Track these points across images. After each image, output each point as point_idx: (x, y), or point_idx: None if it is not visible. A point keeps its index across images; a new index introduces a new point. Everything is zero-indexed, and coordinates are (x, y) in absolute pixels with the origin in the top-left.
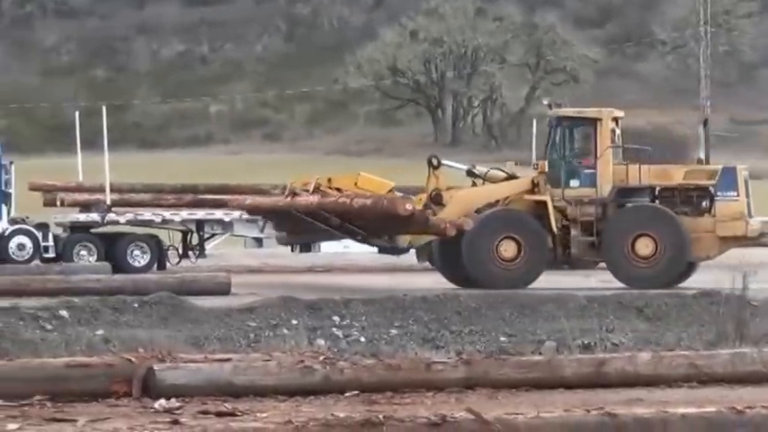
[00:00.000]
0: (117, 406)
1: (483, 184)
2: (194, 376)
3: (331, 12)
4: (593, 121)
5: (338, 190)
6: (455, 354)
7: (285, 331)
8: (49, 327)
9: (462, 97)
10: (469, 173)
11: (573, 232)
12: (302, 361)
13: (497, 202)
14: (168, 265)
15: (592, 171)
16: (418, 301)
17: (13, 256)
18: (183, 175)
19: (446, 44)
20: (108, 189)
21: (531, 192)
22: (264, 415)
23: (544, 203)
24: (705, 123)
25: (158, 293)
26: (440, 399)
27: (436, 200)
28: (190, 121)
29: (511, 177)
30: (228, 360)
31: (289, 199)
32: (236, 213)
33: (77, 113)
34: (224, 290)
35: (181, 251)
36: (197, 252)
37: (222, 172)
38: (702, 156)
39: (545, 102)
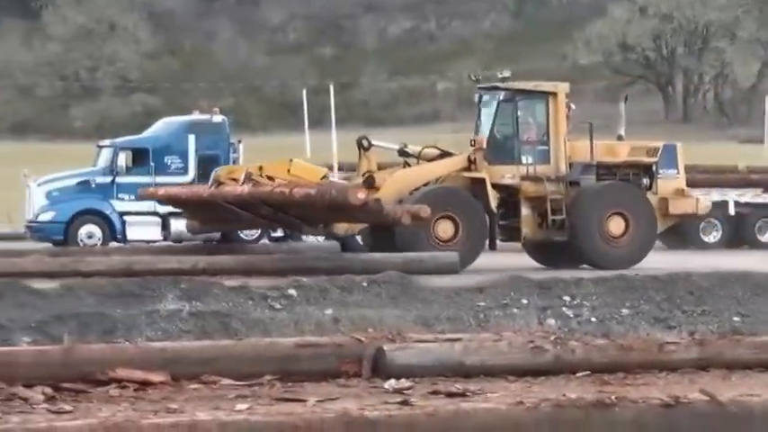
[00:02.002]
0: (347, 386)
1: (417, 163)
2: (424, 356)
3: None
4: (549, 96)
5: (270, 178)
6: (688, 334)
7: (515, 311)
8: (278, 306)
9: (693, 74)
10: (401, 152)
11: (525, 211)
12: (533, 341)
13: (437, 180)
14: None
15: (545, 147)
16: (649, 281)
17: (242, 236)
18: None
19: (676, 20)
20: (336, 167)
21: (468, 169)
22: (495, 395)
23: (482, 181)
24: (625, 99)
25: (387, 272)
26: (673, 380)
27: (369, 183)
28: (417, 98)
29: (445, 155)
30: (458, 340)
31: (213, 189)
32: None
33: (305, 92)
34: (452, 269)
35: None
36: None
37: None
38: (622, 132)
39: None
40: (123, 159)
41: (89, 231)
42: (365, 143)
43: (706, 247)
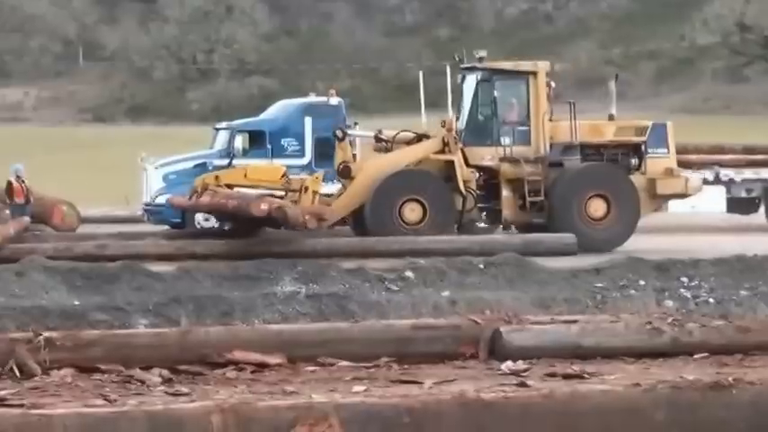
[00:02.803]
0: (463, 368)
1: (391, 148)
2: (541, 338)
3: None
4: (528, 75)
5: (229, 186)
6: None
7: (632, 292)
8: (394, 288)
9: None
10: (377, 139)
11: (505, 193)
12: (650, 322)
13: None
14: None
15: (525, 128)
16: None
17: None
18: None
19: None
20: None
21: (443, 152)
22: (612, 377)
23: (452, 163)
24: (616, 78)
25: (504, 254)
26: None
27: (344, 173)
28: None
29: (421, 138)
30: (575, 322)
31: (193, 199)
32: None
33: (421, 73)
34: (570, 250)
35: None
36: None
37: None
38: (613, 111)
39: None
40: (240, 142)
41: (206, 214)
42: (339, 133)
43: None
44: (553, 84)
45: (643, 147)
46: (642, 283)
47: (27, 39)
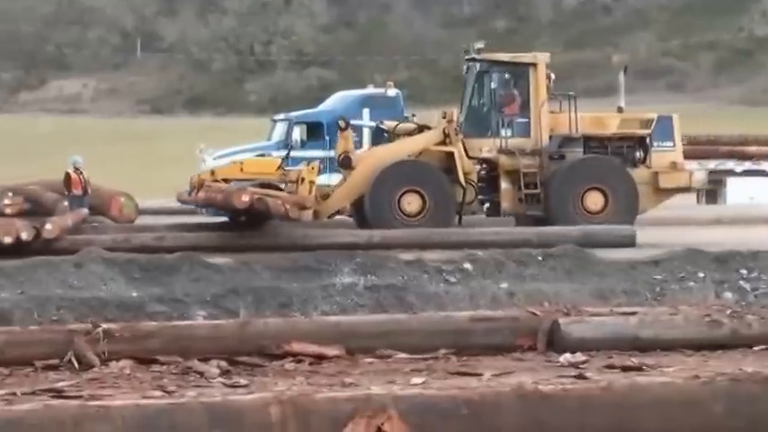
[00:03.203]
0: (522, 360)
1: (391, 139)
2: (599, 330)
3: None
4: (528, 67)
5: (226, 181)
6: None
7: (691, 284)
8: (453, 280)
9: None
10: (378, 129)
11: (504, 185)
12: (709, 314)
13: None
14: None
15: (525, 120)
16: None
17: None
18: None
19: None
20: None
21: (444, 143)
22: (671, 369)
23: (452, 154)
24: (625, 70)
25: (563, 246)
26: None
27: (345, 163)
28: (592, 71)
29: (423, 129)
30: (634, 313)
31: (192, 195)
32: None
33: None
34: (629, 242)
35: None
36: None
37: None
38: (622, 104)
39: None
40: (298, 133)
41: None
42: (342, 123)
43: None
44: (553, 75)
45: (648, 139)
46: (701, 275)
47: (86, 30)
